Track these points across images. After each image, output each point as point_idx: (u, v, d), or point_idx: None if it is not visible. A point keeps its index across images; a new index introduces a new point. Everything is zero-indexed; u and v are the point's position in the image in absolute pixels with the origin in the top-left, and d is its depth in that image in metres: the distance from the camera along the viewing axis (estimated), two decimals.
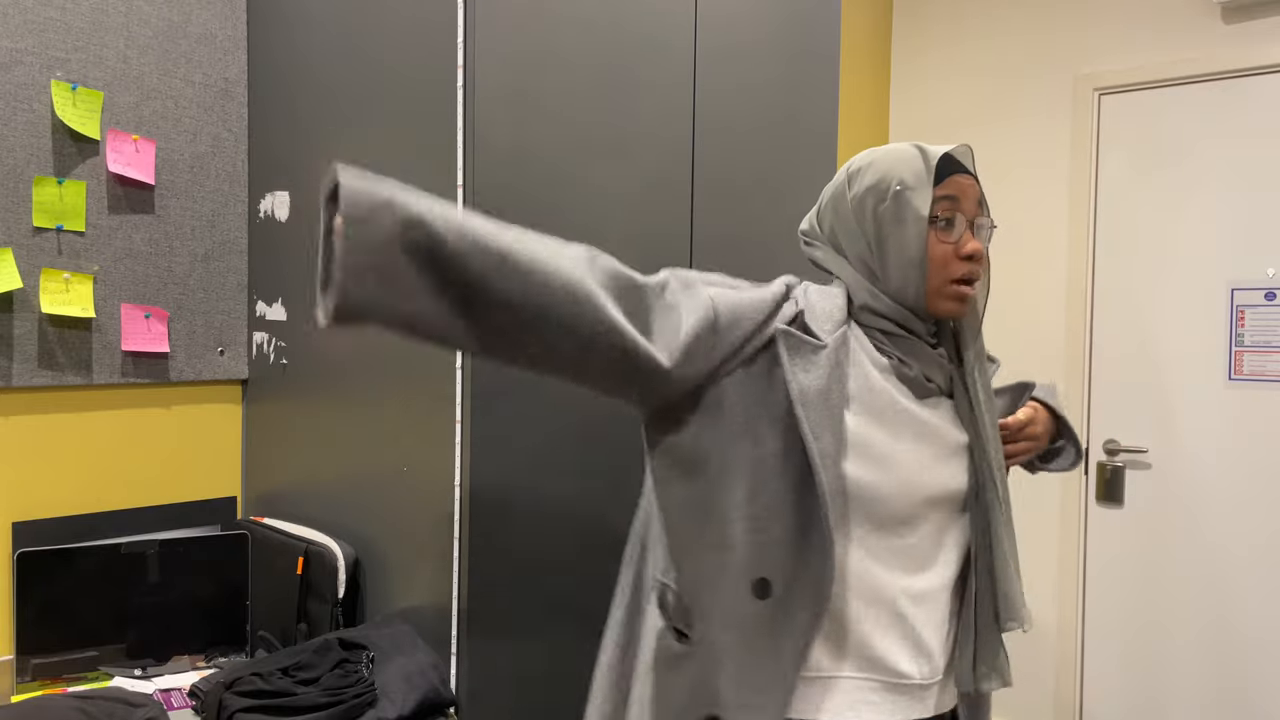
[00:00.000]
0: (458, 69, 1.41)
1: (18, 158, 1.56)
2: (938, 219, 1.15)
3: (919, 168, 1.16)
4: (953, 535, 1.18)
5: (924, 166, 1.16)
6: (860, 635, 1.11)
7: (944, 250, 1.15)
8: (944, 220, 1.15)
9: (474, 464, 1.41)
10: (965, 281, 1.15)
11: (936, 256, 1.15)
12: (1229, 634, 2.82)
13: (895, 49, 3.51)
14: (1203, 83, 2.85)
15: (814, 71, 2.01)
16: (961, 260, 1.15)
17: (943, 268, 1.16)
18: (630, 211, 1.63)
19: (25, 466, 1.60)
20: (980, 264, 1.17)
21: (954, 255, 1.15)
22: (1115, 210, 3.01)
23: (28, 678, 1.50)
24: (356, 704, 1.32)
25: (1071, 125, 3.10)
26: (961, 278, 1.14)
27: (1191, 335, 2.87)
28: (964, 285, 1.15)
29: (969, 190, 1.17)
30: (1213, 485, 2.84)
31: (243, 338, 1.86)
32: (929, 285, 1.16)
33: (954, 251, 1.15)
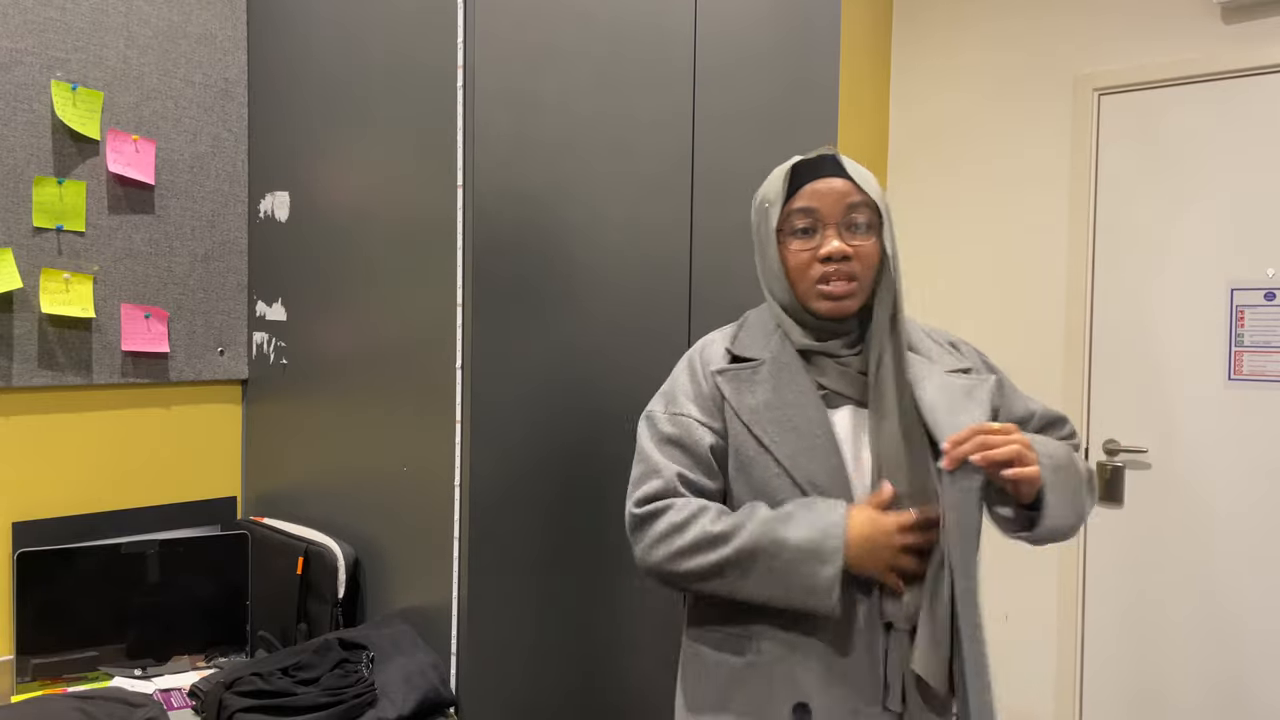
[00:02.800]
0: (458, 68, 1.41)
1: (18, 158, 1.56)
2: (796, 230, 1.24)
3: (778, 184, 1.26)
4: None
5: (782, 182, 1.25)
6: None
7: (801, 258, 1.24)
8: (801, 230, 1.24)
9: (474, 464, 1.41)
10: (829, 280, 1.22)
11: (795, 265, 1.25)
12: (1229, 633, 2.82)
13: (895, 49, 3.50)
14: (1203, 83, 2.85)
15: (814, 71, 2.01)
16: (820, 263, 1.22)
17: (804, 274, 1.25)
18: (630, 210, 1.63)
19: (25, 466, 1.60)
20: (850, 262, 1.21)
21: (813, 259, 1.23)
22: (1115, 210, 3.01)
23: (28, 678, 1.50)
24: (356, 704, 1.32)
25: (1071, 125, 3.10)
26: (824, 277, 1.22)
27: (1191, 335, 2.87)
28: (829, 284, 1.22)
29: (829, 194, 1.22)
30: (1213, 485, 2.84)
31: (243, 338, 1.86)
32: (798, 291, 1.26)
33: (812, 257, 1.23)
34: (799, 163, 1.25)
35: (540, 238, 1.49)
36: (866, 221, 1.23)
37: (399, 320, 1.53)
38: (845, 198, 1.22)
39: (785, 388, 1.23)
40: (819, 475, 1.20)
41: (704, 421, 1.26)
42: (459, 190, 1.41)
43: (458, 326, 1.42)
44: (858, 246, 1.22)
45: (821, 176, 1.23)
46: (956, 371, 1.28)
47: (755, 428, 1.22)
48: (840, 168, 1.24)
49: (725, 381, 1.26)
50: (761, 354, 1.27)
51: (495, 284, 1.43)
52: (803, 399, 1.22)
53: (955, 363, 1.29)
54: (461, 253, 1.41)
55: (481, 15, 1.39)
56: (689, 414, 1.26)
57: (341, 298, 1.64)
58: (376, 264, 1.57)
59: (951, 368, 1.28)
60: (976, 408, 1.23)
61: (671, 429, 1.26)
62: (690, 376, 1.30)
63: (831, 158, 1.25)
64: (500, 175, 1.43)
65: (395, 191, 1.53)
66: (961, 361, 1.31)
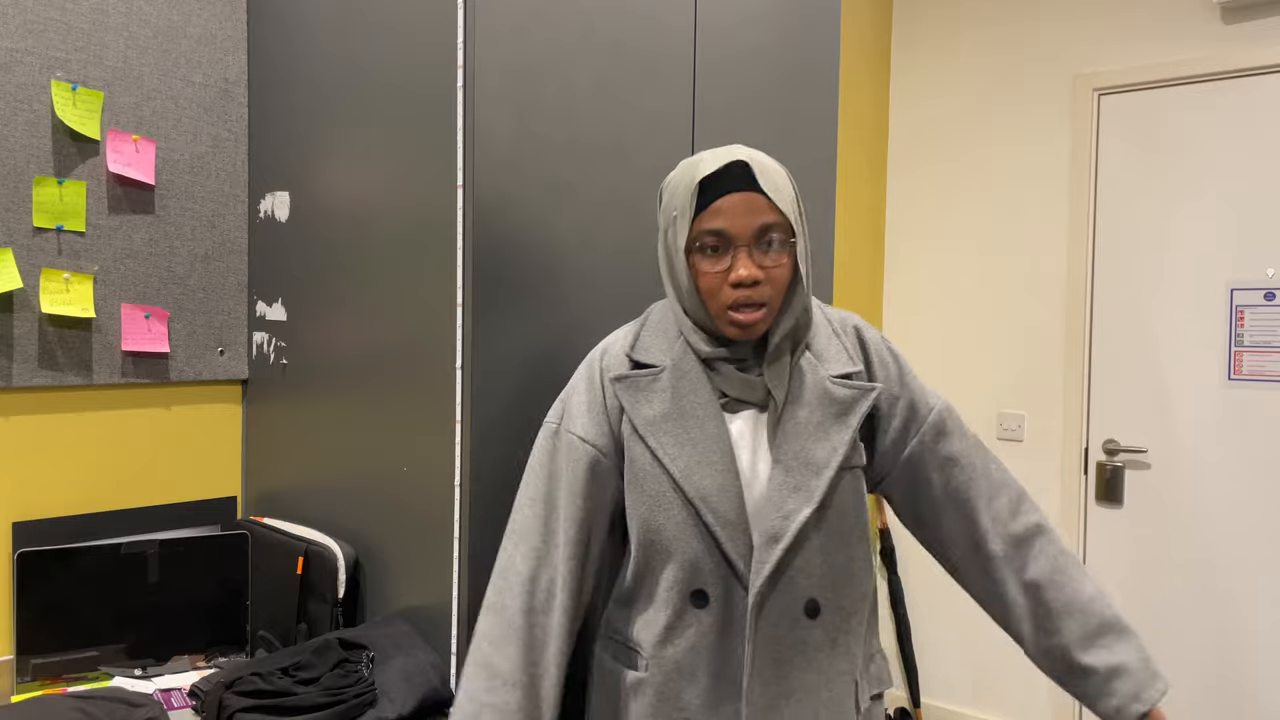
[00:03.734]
0: (457, 69, 1.41)
1: (18, 158, 1.56)
2: (705, 248, 1.17)
3: (686, 195, 1.18)
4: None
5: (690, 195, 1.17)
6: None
7: (712, 281, 1.18)
8: (711, 248, 1.17)
9: (474, 464, 1.41)
10: (741, 307, 1.16)
11: (705, 286, 1.19)
12: (1228, 633, 2.82)
13: (895, 50, 3.51)
14: (1203, 83, 2.85)
15: (814, 72, 2.01)
16: (731, 287, 1.16)
17: (713, 296, 1.18)
18: (630, 212, 1.63)
19: (25, 466, 1.60)
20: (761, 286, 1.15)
21: (723, 283, 1.17)
22: (1115, 210, 3.01)
23: (28, 678, 1.50)
24: (356, 704, 1.32)
25: (1071, 125, 3.10)
26: (735, 304, 1.16)
27: (1191, 335, 2.87)
28: (740, 311, 1.16)
29: (739, 212, 1.15)
30: (1212, 485, 2.84)
31: (243, 338, 1.86)
32: (708, 309, 1.20)
33: (722, 280, 1.17)
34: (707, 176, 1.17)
35: (540, 238, 1.49)
36: (780, 239, 1.17)
37: (399, 320, 1.53)
38: (757, 216, 1.15)
39: (684, 397, 1.20)
40: (710, 490, 1.17)
41: (587, 439, 1.23)
42: (459, 190, 1.41)
43: (458, 326, 1.42)
44: (769, 269, 1.16)
45: (732, 190, 1.15)
46: (843, 377, 1.23)
47: (650, 439, 1.19)
48: (752, 179, 1.16)
49: (624, 390, 1.22)
50: (662, 360, 1.23)
51: (495, 284, 1.43)
52: (701, 410, 1.19)
53: (846, 365, 1.24)
54: (461, 253, 1.41)
55: (481, 15, 1.39)
56: (575, 430, 1.24)
57: (341, 298, 1.65)
58: (377, 264, 1.57)
59: (840, 371, 1.23)
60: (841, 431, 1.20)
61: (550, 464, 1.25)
62: (588, 384, 1.27)
63: (742, 166, 1.16)
64: (500, 175, 1.43)
65: (395, 192, 1.53)
66: (853, 363, 1.25)
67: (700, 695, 1.18)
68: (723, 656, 1.18)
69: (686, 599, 1.19)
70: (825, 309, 1.31)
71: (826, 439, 1.20)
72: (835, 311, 1.31)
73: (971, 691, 3.32)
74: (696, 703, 1.18)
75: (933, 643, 3.42)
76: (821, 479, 1.18)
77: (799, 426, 1.19)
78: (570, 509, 1.23)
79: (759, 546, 1.16)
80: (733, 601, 1.18)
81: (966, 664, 3.34)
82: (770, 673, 1.18)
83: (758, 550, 1.16)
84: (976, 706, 3.32)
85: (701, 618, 1.18)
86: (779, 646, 1.18)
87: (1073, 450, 3.08)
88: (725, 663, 1.18)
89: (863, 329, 1.31)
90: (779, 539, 1.16)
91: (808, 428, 1.19)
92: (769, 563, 1.16)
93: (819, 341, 1.26)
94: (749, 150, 1.20)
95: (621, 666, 1.25)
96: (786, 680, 1.18)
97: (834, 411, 1.21)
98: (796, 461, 1.18)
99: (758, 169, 1.16)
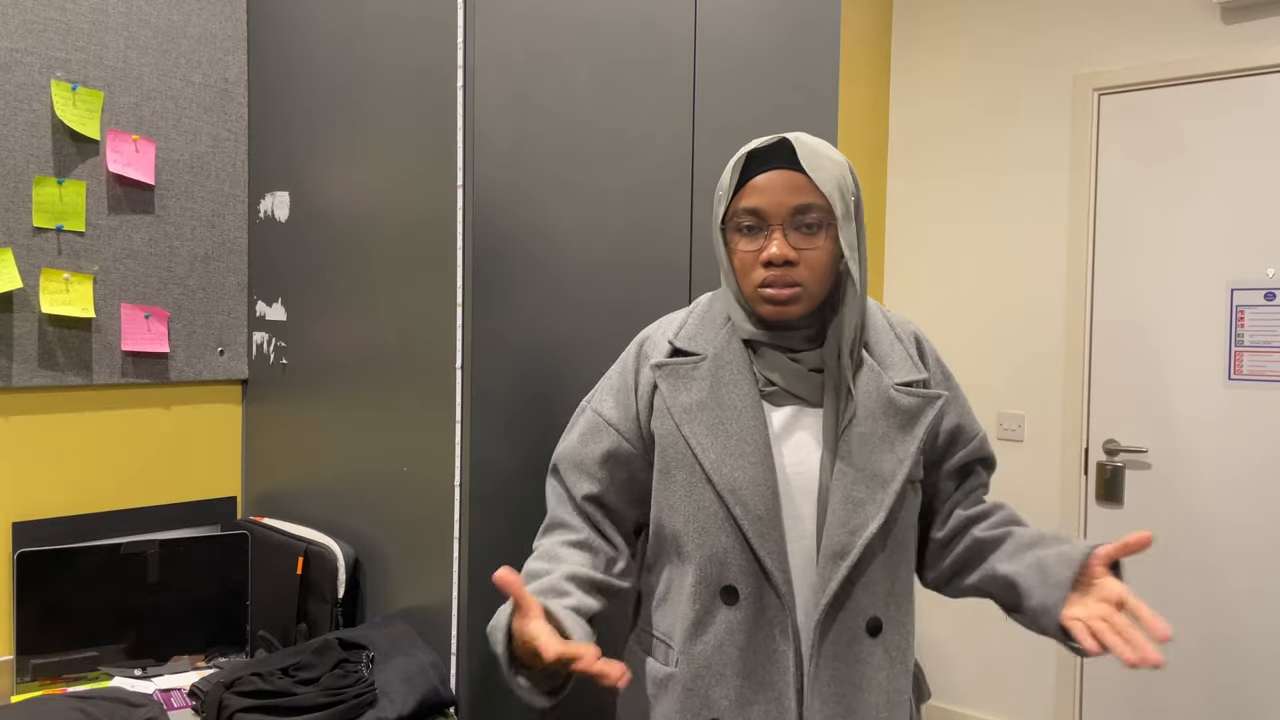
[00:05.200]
0: (458, 69, 1.41)
1: (18, 158, 1.56)
2: (742, 228, 1.16)
3: (731, 172, 1.18)
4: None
5: (732, 172, 1.17)
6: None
7: (745, 259, 1.17)
8: (747, 227, 1.16)
9: (474, 464, 1.41)
10: (771, 285, 1.14)
11: (740, 265, 1.18)
12: (1228, 633, 2.82)
13: (895, 49, 3.51)
14: (1203, 83, 2.85)
15: (814, 73, 2.01)
16: (763, 266, 1.15)
17: (747, 275, 1.17)
18: (630, 211, 1.63)
19: (25, 466, 1.60)
20: (793, 267, 1.14)
21: (756, 262, 1.16)
22: (1115, 210, 3.01)
23: (28, 678, 1.50)
24: (356, 704, 1.32)
25: (1071, 125, 3.10)
26: (765, 282, 1.15)
27: (1191, 335, 2.87)
28: (771, 289, 1.14)
29: (775, 191, 1.13)
30: (1212, 485, 2.84)
31: (243, 338, 1.86)
32: (745, 292, 1.19)
33: (755, 258, 1.16)
34: (752, 151, 1.16)
35: (540, 238, 1.49)
36: (817, 221, 1.13)
37: (399, 320, 1.53)
38: (792, 197, 1.12)
39: (723, 386, 1.18)
40: (742, 484, 1.14)
41: (610, 420, 1.23)
42: (459, 190, 1.41)
43: (458, 326, 1.42)
44: (804, 250, 1.13)
45: (772, 168, 1.13)
46: (906, 385, 1.20)
47: (685, 427, 1.17)
48: (794, 159, 1.13)
49: (663, 376, 1.21)
50: (705, 348, 1.21)
51: (495, 284, 1.43)
52: (739, 401, 1.17)
53: (910, 372, 1.21)
54: (461, 253, 1.41)
55: (481, 16, 1.39)
56: (601, 410, 1.25)
57: (341, 298, 1.64)
58: (377, 264, 1.57)
59: (904, 379, 1.20)
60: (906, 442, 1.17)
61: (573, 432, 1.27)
62: (622, 368, 1.27)
63: (787, 147, 1.14)
64: (500, 176, 1.43)
65: (395, 192, 1.53)
66: (917, 370, 1.21)
67: (729, 694, 1.15)
68: (753, 657, 1.15)
69: (716, 594, 1.16)
70: (887, 313, 1.27)
71: (892, 450, 1.16)
72: (895, 315, 1.28)
73: (973, 691, 3.32)
74: (725, 702, 1.15)
75: (934, 643, 3.42)
76: (888, 492, 1.15)
77: (864, 437, 1.15)
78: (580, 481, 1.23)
79: (823, 563, 1.13)
80: (764, 601, 1.15)
81: (967, 664, 3.34)
82: (829, 691, 1.14)
83: (822, 567, 1.13)
84: (977, 707, 3.32)
85: (731, 615, 1.15)
86: (840, 664, 1.14)
87: (1073, 450, 3.08)
88: (757, 664, 1.15)
89: (921, 337, 1.27)
90: (845, 555, 1.13)
91: (872, 439, 1.16)
92: (834, 580, 1.12)
93: (881, 346, 1.22)
94: (806, 135, 1.17)
95: (653, 659, 1.23)
96: (846, 699, 1.15)
97: (898, 422, 1.17)
98: (862, 474, 1.14)
99: (803, 149, 1.13)
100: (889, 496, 1.14)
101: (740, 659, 1.15)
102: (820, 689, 1.14)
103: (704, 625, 1.17)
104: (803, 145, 1.14)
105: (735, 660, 1.15)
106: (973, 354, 3.32)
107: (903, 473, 1.16)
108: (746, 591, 1.15)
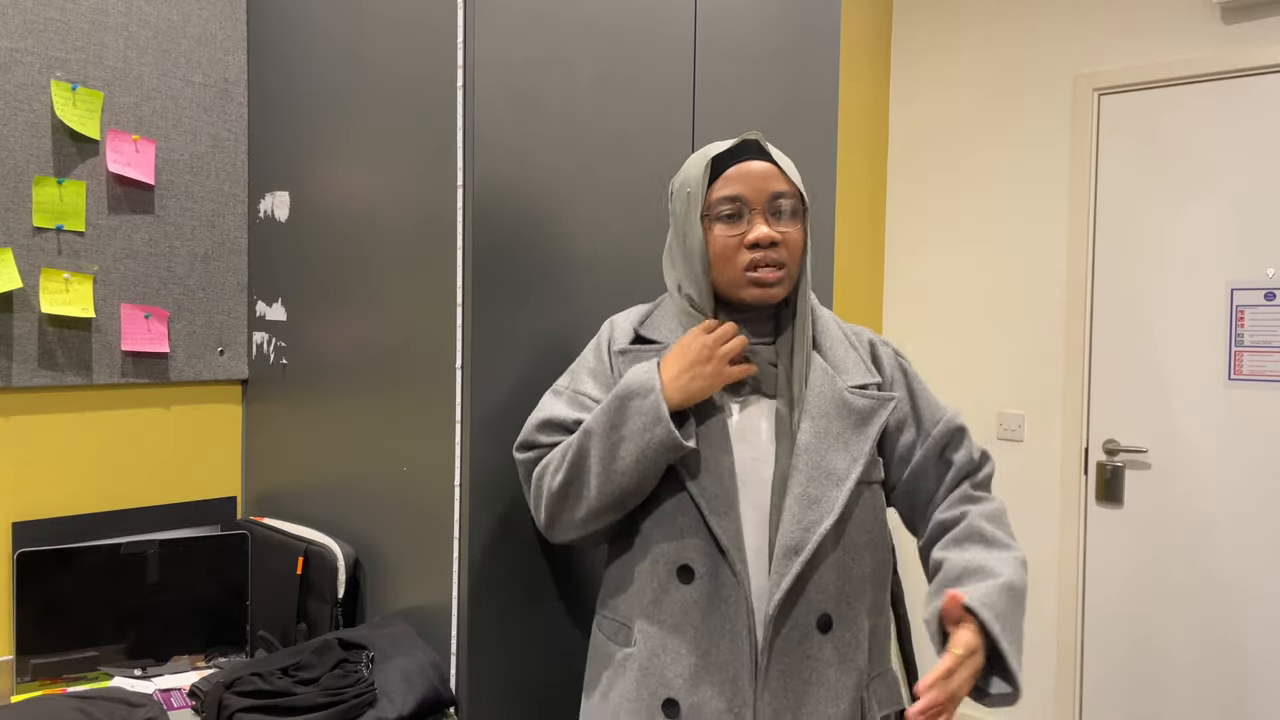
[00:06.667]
0: (458, 69, 1.41)
1: (18, 158, 1.56)
2: (721, 216, 1.21)
3: (699, 171, 1.23)
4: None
5: (703, 168, 1.23)
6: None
7: (728, 243, 1.21)
8: (727, 215, 1.21)
9: (474, 464, 1.41)
10: (759, 267, 1.19)
11: (720, 250, 1.22)
12: (1228, 634, 2.82)
13: (895, 49, 3.51)
14: (1203, 83, 2.85)
15: (814, 72, 2.01)
16: (748, 249, 1.19)
17: (730, 260, 1.21)
18: (630, 212, 1.63)
19: (25, 466, 1.60)
20: (778, 248, 1.19)
21: (740, 245, 1.20)
22: (1115, 210, 3.01)
23: (28, 678, 1.50)
24: (356, 704, 1.32)
25: (1071, 125, 3.10)
26: (752, 264, 1.19)
27: (1191, 335, 2.87)
28: (759, 270, 1.19)
29: (754, 178, 1.20)
30: (1212, 485, 2.84)
31: (243, 338, 1.86)
32: (723, 279, 1.23)
33: (739, 242, 1.20)
34: (722, 151, 1.23)
35: (540, 238, 1.49)
36: (791, 209, 1.21)
37: (399, 320, 1.53)
38: (770, 183, 1.20)
39: None
40: (697, 465, 1.18)
41: (595, 398, 1.28)
42: (459, 190, 1.41)
43: (458, 326, 1.42)
44: (784, 233, 1.20)
45: (744, 160, 1.21)
46: (860, 388, 1.24)
47: None
48: (764, 152, 1.22)
49: (625, 362, 1.27)
50: (668, 337, 1.27)
51: (495, 284, 1.43)
52: None
53: (864, 375, 1.25)
54: (461, 253, 1.41)
55: (481, 16, 1.39)
56: (582, 390, 1.30)
57: (341, 298, 1.64)
58: (376, 264, 1.57)
59: (857, 382, 1.24)
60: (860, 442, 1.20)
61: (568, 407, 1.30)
62: (595, 354, 1.32)
63: (755, 143, 1.22)
64: (500, 176, 1.43)
65: (395, 192, 1.53)
66: (870, 374, 1.26)
67: (684, 673, 1.18)
68: (709, 637, 1.18)
69: (672, 574, 1.20)
70: (842, 323, 1.32)
71: (845, 449, 1.19)
72: (849, 325, 1.33)
73: None
74: (679, 681, 1.18)
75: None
76: (842, 490, 1.18)
77: (818, 436, 1.19)
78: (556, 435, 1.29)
79: (777, 559, 1.15)
80: (720, 580, 1.18)
81: None
82: (779, 685, 1.17)
83: (776, 562, 1.15)
84: (977, 706, 3.32)
85: (687, 593, 1.19)
86: (789, 660, 1.17)
87: (1073, 450, 3.08)
88: (711, 644, 1.18)
89: (876, 343, 1.32)
90: (798, 551, 1.15)
91: (826, 438, 1.19)
92: (788, 575, 1.15)
93: (836, 352, 1.26)
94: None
95: (612, 642, 1.27)
96: (795, 693, 1.17)
97: (852, 422, 1.21)
98: (816, 472, 1.18)
99: (769, 146, 1.22)
100: (842, 494, 1.17)
101: (695, 638, 1.18)
102: (771, 683, 1.16)
103: (660, 604, 1.20)
104: (767, 143, 1.22)
105: (691, 639, 1.18)
106: (973, 354, 3.32)
107: (856, 471, 1.19)
108: (702, 571, 1.18)
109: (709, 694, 1.17)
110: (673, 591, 1.20)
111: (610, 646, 1.27)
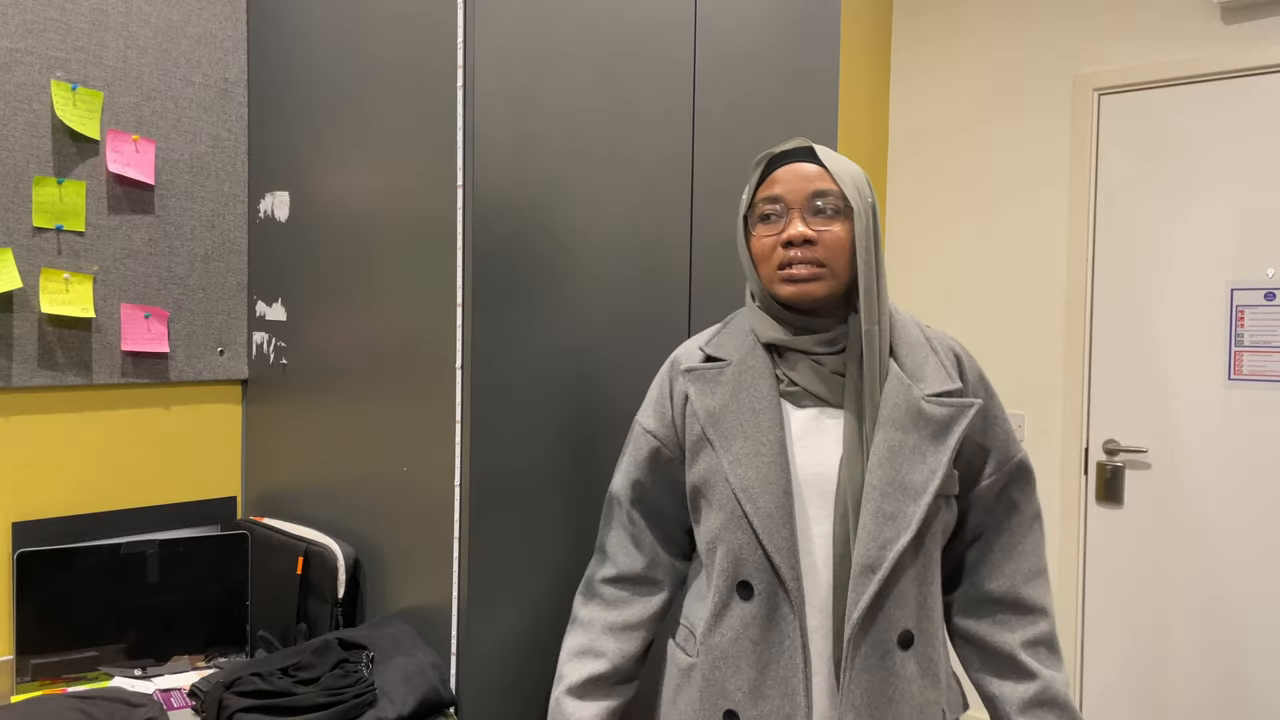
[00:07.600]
0: (458, 69, 1.41)
1: (18, 158, 1.56)
2: (762, 216, 1.24)
3: (754, 172, 1.27)
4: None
5: (755, 171, 1.26)
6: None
7: (765, 243, 1.23)
8: (766, 216, 1.23)
9: (474, 464, 1.41)
10: (791, 264, 1.20)
11: (759, 250, 1.24)
12: (1229, 633, 2.82)
13: (895, 50, 3.51)
14: (1203, 83, 2.85)
15: (814, 73, 2.01)
16: (783, 247, 1.21)
17: (767, 259, 1.23)
18: (630, 212, 1.63)
19: (25, 466, 1.60)
20: (813, 246, 1.19)
21: (776, 244, 1.22)
22: (1115, 210, 3.01)
23: (28, 678, 1.50)
24: (356, 704, 1.32)
25: (1071, 125, 3.10)
26: (786, 261, 1.20)
27: (1191, 335, 2.87)
28: (791, 268, 1.20)
29: (795, 179, 1.21)
30: (1212, 485, 2.84)
31: (243, 338, 1.86)
32: (763, 277, 1.25)
33: (775, 241, 1.22)
34: (774, 154, 1.24)
35: (540, 238, 1.49)
36: (834, 207, 1.19)
37: (399, 320, 1.53)
38: (810, 182, 1.19)
39: (744, 390, 1.23)
40: (752, 482, 1.18)
41: (650, 429, 1.33)
42: (459, 190, 1.41)
43: (458, 327, 1.42)
44: (822, 231, 1.18)
45: (791, 163, 1.22)
46: (938, 396, 1.20)
47: (709, 429, 1.23)
48: (813, 155, 1.22)
49: (691, 381, 1.28)
50: (732, 355, 1.27)
51: (495, 284, 1.43)
52: (758, 403, 1.21)
53: (943, 383, 1.21)
54: (461, 253, 1.41)
55: (481, 14, 1.39)
56: (642, 421, 1.35)
57: (341, 298, 1.64)
58: (377, 264, 1.57)
59: (935, 390, 1.20)
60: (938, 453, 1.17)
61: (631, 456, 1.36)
62: (659, 379, 1.36)
63: (807, 147, 1.23)
64: (500, 175, 1.43)
65: (395, 191, 1.53)
66: (951, 381, 1.21)
67: (744, 686, 1.19)
68: (768, 651, 1.18)
69: (733, 589, 1.21)
70: (925, 328, 1.29)
71: (924, 462, 1.17)
72: (934, 331, 1.30)
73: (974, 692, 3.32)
74: (739, 694, 1.19)
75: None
76: (919, 505, 1.15)
77: (894, 450, 1.16)
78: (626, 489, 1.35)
79: (854, 577, 1.14)
80: (777, 597, 1.18)
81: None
82: (863, 703, 1.15)
83: (853, 580, 1.14)
84: (978, 706, 3.32)
85: (746, 609, 1.19)
86: (872, 678, 1.15)
87: (1073, 450, 3.08)
88: (772, 658, 1.18)
89: (961, 354, 1.27)
90: (875, 569, 1.14)
91: (903, 451, 1.16)
92: (866, 594, 1.13)
93: (914, 358, 1.23)
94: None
95: (682, 651, 1.30)
96: (879, 712, 1.15)
97: (929, 432, 1.18)
98: (892, 486, 1.15)
99: (820, 149, 1.23)
100: (920, 509, 1.15)
101: (754, 652, 1.19)
102: (854, 701, 1.15)
103: (722, 618, 1.22)
104: (820, 147, 1.24)
105: (750, 653, 1.19)
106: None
107: (934, 485, 1.16)
108: (761, 588, 1.19)
109: (769, 708, 1.18)
110: (734, 606, 1.21)
111: (680, 655, 1.30)
